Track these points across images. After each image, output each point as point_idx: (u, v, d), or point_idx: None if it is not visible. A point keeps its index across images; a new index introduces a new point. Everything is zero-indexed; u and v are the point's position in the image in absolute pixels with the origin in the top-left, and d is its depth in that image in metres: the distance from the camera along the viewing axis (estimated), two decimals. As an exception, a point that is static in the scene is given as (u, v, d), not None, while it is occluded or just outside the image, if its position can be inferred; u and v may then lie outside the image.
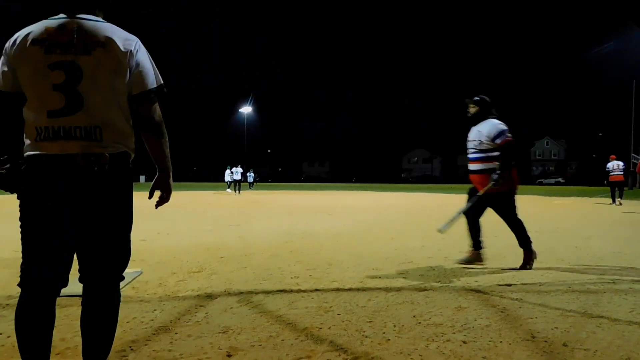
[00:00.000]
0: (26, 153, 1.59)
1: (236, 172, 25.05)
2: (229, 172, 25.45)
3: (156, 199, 1.86)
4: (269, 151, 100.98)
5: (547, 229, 7.44)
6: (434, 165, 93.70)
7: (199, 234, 6.62)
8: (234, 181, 25.16)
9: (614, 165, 14.36)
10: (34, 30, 1.59)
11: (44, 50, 1.55)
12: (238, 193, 23.91)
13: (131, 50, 1.63)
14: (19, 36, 1.59)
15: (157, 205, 1.86)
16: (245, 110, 53.81)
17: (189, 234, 6.52)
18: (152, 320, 2.59)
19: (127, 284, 3.40)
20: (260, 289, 3.38)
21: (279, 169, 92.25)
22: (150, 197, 1.89)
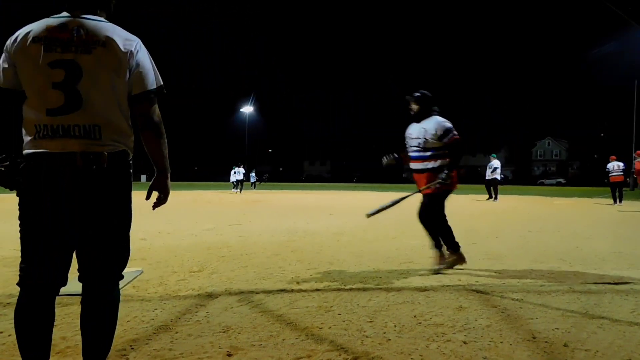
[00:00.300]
0: (25, 151, 1.59)
1: (238, 172, 25.09)
2: (233, 172, 25.51)
3: (154, 199, 1.86)
4: (270, 151, 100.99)
5: (548, 229, 7.40)
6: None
7: (200, 233, 6.62)
8: (236, 181, 25.21)
9: (614, 166, 14.34)
10: (35, 28, 1.59)
11: (44, 48, 1.55)
12: (239, 192, 23.95)
13: (131, 50, 1.63)
14: (20, 34, 1.60)
15: (155, 206, 1.85)
16: (247, 109, 53.78)
17: (190, 233, 6.52)
18: (153, 319, 2.59)
19: (128, 283, 3.40)
20: (261, 288, 3.38)
21: (280, 169, 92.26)
22: (148, 197, 1.89)
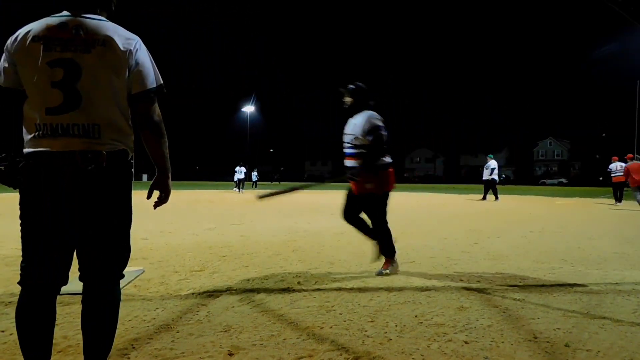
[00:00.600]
0: (25, 150, 1.59)
1: (240, 172, 25.11)
2: (236, 171, 25.55)
3: (155, 199, 1.86)
4: (271, 150, 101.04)
5: (549, 229, 7.39)
6: (436, 165, 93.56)
7: (201, 232, 6.62)
8: (237, 180, 25.23)
9: (617, 167, 14.32)
10: (35, 27, 1.60)
11: (43, 48, 1.55)
12: (241, 191, 23.96)
13: (131, 50, 1.63)
14: (20, 33, 1.60)
15: (156, 205, 1.85)
16: (248, 109, 53.76)
17: (191, 233, 6.52)
18: (154, 319, 2.59)
19: (129, 283, 3.40)
20: (262, 287, 3.38)
21: (281, 168, 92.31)
22: (149, 197, 1.89)
